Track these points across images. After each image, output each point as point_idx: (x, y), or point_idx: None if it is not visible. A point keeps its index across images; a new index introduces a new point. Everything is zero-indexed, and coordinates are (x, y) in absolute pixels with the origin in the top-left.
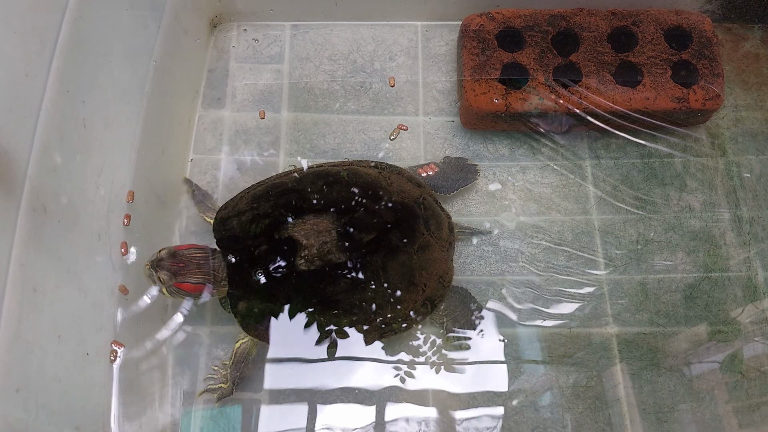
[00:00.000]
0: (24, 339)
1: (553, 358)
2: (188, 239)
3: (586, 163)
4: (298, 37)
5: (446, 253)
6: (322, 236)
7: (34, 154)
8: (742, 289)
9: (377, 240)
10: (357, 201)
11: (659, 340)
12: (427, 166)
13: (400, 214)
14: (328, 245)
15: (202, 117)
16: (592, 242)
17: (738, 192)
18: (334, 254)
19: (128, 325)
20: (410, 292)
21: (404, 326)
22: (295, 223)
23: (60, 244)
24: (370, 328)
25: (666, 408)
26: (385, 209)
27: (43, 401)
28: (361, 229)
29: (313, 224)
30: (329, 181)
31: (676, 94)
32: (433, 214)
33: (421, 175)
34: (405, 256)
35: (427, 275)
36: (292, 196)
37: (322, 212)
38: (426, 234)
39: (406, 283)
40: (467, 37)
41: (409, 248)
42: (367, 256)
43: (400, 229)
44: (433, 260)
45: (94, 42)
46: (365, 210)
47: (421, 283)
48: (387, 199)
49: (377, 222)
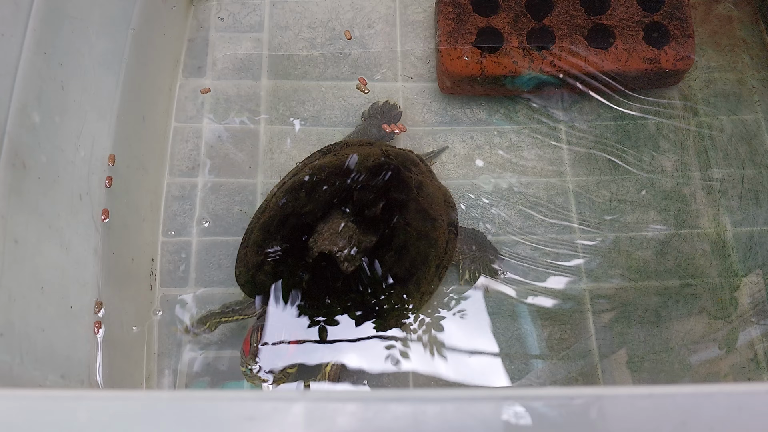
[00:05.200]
0: (6, 287)
1: (530, 312)
2: (172, 204)
3: (561, 126)
4: (277, 5)
5: (434, 180)
6: (343, 234)
7: (12, 112)
8: (710, 245)
9: (386, 205)
10: (341, 188)
11: (630, 294)
12: (396, 125)
13: (382, 172)
14: (354, 237)
15: (183, 85)
16: (567, 203)
17: (709, 152)
18: (365, 240)
19: (112, 284)
20: (436, 228)
21: (451, 259)
22: (314, 239)
23: (40, 200)
24: (430, 276)
25: (636, 358)
26: (368, 177)
27: (27, 348)
28: (368, 206)
29: (329, 229)
30: (308, 188)
31: (648, 54)
32: (400, 156)
33: (386, 131)
34: (413, 203)
35: (436, 205)
36: (291, 222)
37: (326, 215)
38: (411, 174)
39: (430, 223)
40: (443, 2)
41: (411, 194)
42: (389, 222)
43: (393, 185)
44: (431, 191)
45: (70, 6)
46: (356, 190)
47: (437, 214)
48: (362, 169)
49: (374, 191)
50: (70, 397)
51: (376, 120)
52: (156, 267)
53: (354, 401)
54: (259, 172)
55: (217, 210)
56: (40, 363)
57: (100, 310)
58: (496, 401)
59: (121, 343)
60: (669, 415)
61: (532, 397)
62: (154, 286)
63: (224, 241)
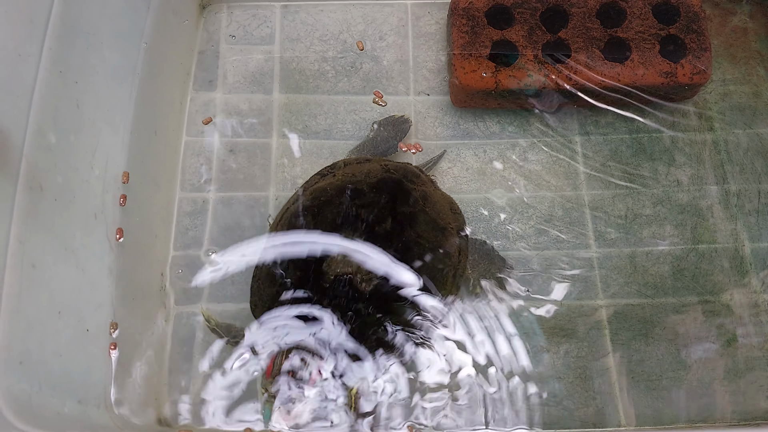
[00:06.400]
0: (24, 314)
1: (545, 330)
2: (183, 220)
3: (575, 140)
4: (288, 17)
5: (437, 189)
6: (356, 256)
7: (29, 134)
8: (728, 261)
9: (395, 220)
10: (347, 208)
11: (647, 311)
12: (411, 144)
13: (386, 188)
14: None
15: (194, 99)
16: (582, 217)
17: (725, 166)
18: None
19: (126, 304)
20: (447, 237)
21: (466, 266)
22: (327, 263)
23: (57, 222)
24: (449, 286)
25: (654, 376)
26: (372, 193)
27: (45, 375)
28: (377, 222)
29: (341, 252)
30: (313, 212)
31: (664, 68)
32: (400, 169)
33: (402, 149)
34: (422, 214)
35: (444, 214)
36: (303, 249)
37: (338, 238)
38: (415, 185)
39: (440, 232)
40: (456, 14)
41: (417, 206)
42: (401, 236)
43: (399, 199)
44: (437, 200)
45: (84, 23)
46: (362, 208)
47: (446, 223)
48: (366, 187)
49: (380, 207)
50: None
51: (385, 132)
52: (166, 282)
53: None
54: (271, 186)
55: (228, 224)
56: (58, 390)
57: (114, 331)
58: None
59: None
60: None
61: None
62: (168, 304)
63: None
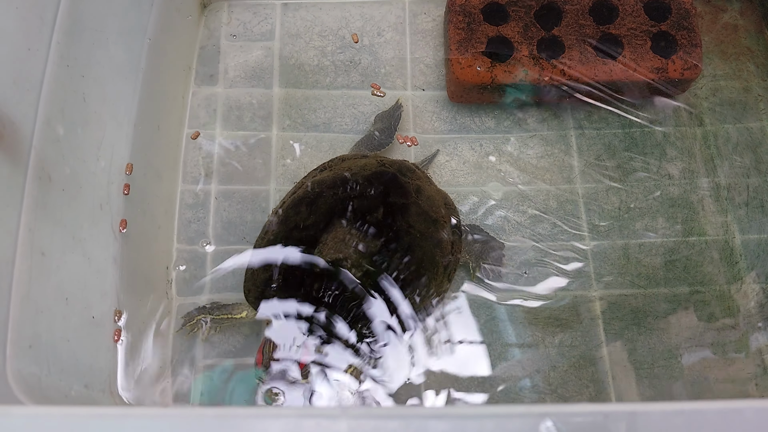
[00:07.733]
0: (34, 300)
1: (539, 320)
2: (185, 212)
3: (570, 134)
4: (288, 14)
5: (432, 185)
6: (348, 241)
7: (38, 126)
8: (719, 252)
9: (387, 210)
10: (341, 198)
11: (640, 301)
12: (408, 137)
13: (379, 180)
14: (358, 243)
15: (196, 93)
16: (577, 210)
17: (715, 160)
18: (370, 245)
19: (130, 292)
20: (439, 229)
21: (458, 260)
22: (319, 249)
23: (65, 211)
24: (439, 277)
25: (646, 365)
26: (366, 185)
27: (53, 359)
28: (369, 211)
29: (333, 239)
30: (308, 202)
31: (656, 64)
32: (396, 164)
33: (398, 141)
34: (414, 206)
35: (437, 208)
36: (295, 236)
37: (329, 226)
38: (409, 179)
39: (432, 224)
40: (453, 11)
41: (410, 198)
42: (393, 225)
43: (392, 191)
44: (430, 194)
45: (90, 19)
46: (355, 198)
47: (439, 216)
48: (361, 179)
49: (373, 197)
50: (117, 415)
51: (381, 124)
52: (171, 275)
53: (395, 419)
54: (271, 179)
55: (230, 217)
56: (66, 373)
57: (120, 319)
58: (533, 417)
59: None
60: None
61: (569, 413)
62: (171, 294)
63: (237, 249)
